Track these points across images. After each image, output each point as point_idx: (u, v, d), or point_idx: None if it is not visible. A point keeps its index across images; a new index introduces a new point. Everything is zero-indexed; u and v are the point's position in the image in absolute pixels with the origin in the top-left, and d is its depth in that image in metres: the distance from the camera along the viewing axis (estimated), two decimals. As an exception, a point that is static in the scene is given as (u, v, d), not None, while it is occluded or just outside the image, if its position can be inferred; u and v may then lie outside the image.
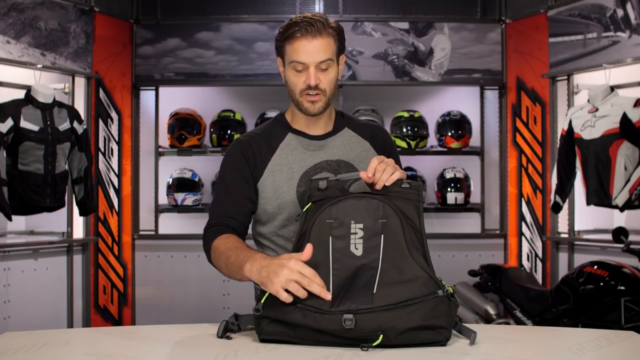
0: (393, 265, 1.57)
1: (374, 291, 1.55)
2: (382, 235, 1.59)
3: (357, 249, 1.59)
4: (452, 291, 1.58)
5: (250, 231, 2.02)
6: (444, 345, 1.56)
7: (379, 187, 1.67)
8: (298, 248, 1.63)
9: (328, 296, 1.52)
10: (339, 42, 1.94)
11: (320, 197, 1.66)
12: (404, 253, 1.58)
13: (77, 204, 4.41)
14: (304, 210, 1.69)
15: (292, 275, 1.53)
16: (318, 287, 1.53)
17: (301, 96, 1.92)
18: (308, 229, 1.63)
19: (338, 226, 1.61)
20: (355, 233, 1.60)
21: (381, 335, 1.51)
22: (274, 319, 1.58)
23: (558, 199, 4.33)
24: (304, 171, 1.95)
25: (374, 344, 1.52)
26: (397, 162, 2.01)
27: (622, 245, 3.64)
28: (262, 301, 1.58)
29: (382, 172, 1.67)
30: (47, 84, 4.24)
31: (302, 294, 1.52)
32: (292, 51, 1.90)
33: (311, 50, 1.87)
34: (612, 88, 4.10)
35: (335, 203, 1.63)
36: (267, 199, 1.95)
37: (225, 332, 1.68)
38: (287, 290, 1.53)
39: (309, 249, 1.56)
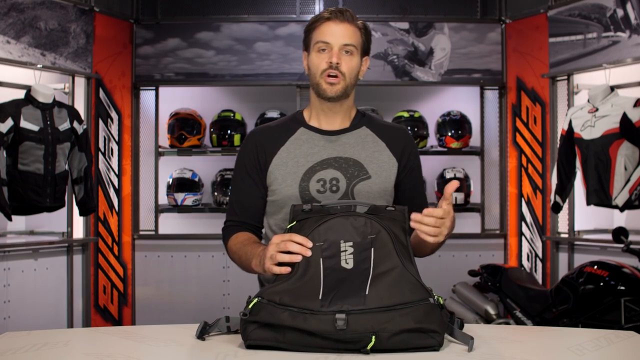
0: (384, 272, 1.56)
1: (366, 292, 1.53)
2: (372, 249, 1.59)
3: (347, 263, 1.58)
4: (442, 302, 1.57)
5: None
6: (436, 351, 1.53)
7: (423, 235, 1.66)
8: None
9: (309, 244, 1.58)
10: (365, 39, 1.97)
11: (305, 217, 1.66)
12: (395, 261, 1.57)
13: (77, 204, 4.40)
14: (288, 227, 1.67)
15: (273, 249, 1.63)
16: (298, 237, 1.61)
17: (321, 77, 1.92)
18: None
19: (327, 247, 1.59)
20: (345, 250, 1.59)
21: (373, 338, 1.48)
22: (262, 324, 1.53)
23: (558, 199, 4.32)
24: (309, 165, 1.93)
25: (367, 347, 1.48)
26: (419, 170, 2.04)
27: (622, 245, 3.64)
28: (250, 306, 1.55)
29: (429, 226, 1.64)
30: (47, 84, 4.24)
31: (289, 257, 1.60)
32: (318, 33, 1.93)
33: (337, 32, 1.91)
34: (612, 88, 4.09)
35: (323, 223, 1.62)
36: (273, 192, 1.97)
37: (203, 333, 1.67)
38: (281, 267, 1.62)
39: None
